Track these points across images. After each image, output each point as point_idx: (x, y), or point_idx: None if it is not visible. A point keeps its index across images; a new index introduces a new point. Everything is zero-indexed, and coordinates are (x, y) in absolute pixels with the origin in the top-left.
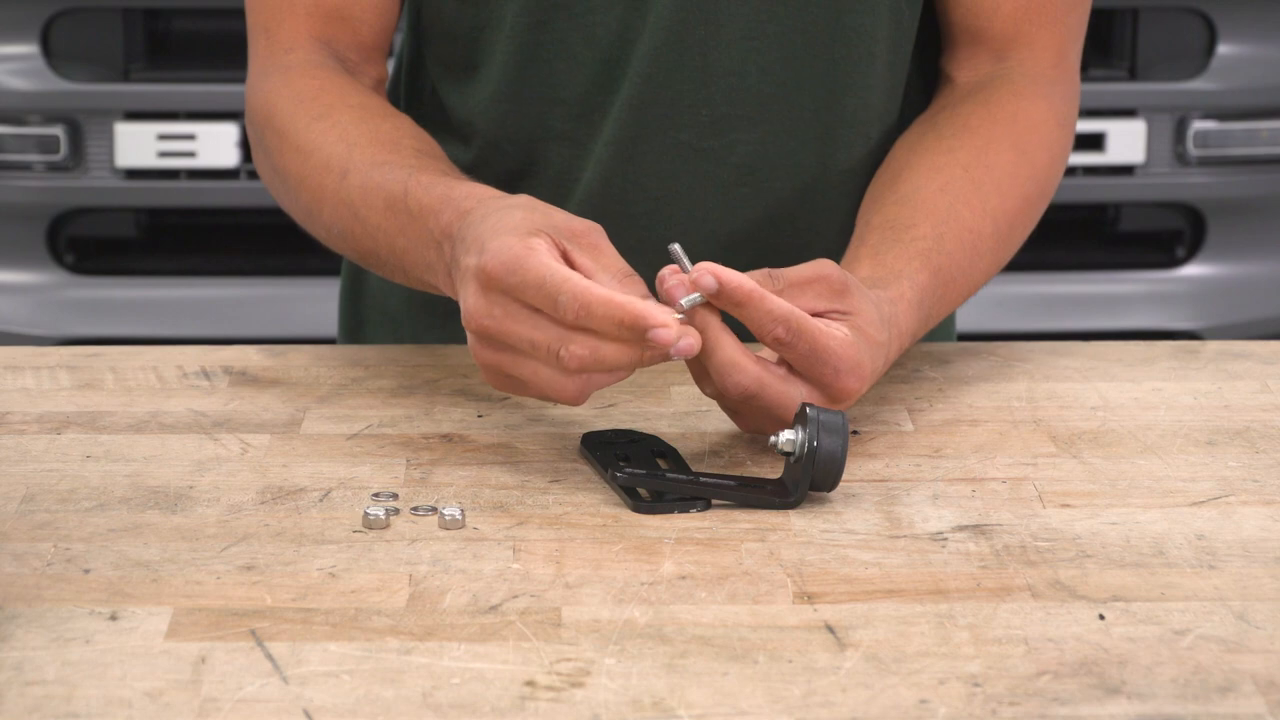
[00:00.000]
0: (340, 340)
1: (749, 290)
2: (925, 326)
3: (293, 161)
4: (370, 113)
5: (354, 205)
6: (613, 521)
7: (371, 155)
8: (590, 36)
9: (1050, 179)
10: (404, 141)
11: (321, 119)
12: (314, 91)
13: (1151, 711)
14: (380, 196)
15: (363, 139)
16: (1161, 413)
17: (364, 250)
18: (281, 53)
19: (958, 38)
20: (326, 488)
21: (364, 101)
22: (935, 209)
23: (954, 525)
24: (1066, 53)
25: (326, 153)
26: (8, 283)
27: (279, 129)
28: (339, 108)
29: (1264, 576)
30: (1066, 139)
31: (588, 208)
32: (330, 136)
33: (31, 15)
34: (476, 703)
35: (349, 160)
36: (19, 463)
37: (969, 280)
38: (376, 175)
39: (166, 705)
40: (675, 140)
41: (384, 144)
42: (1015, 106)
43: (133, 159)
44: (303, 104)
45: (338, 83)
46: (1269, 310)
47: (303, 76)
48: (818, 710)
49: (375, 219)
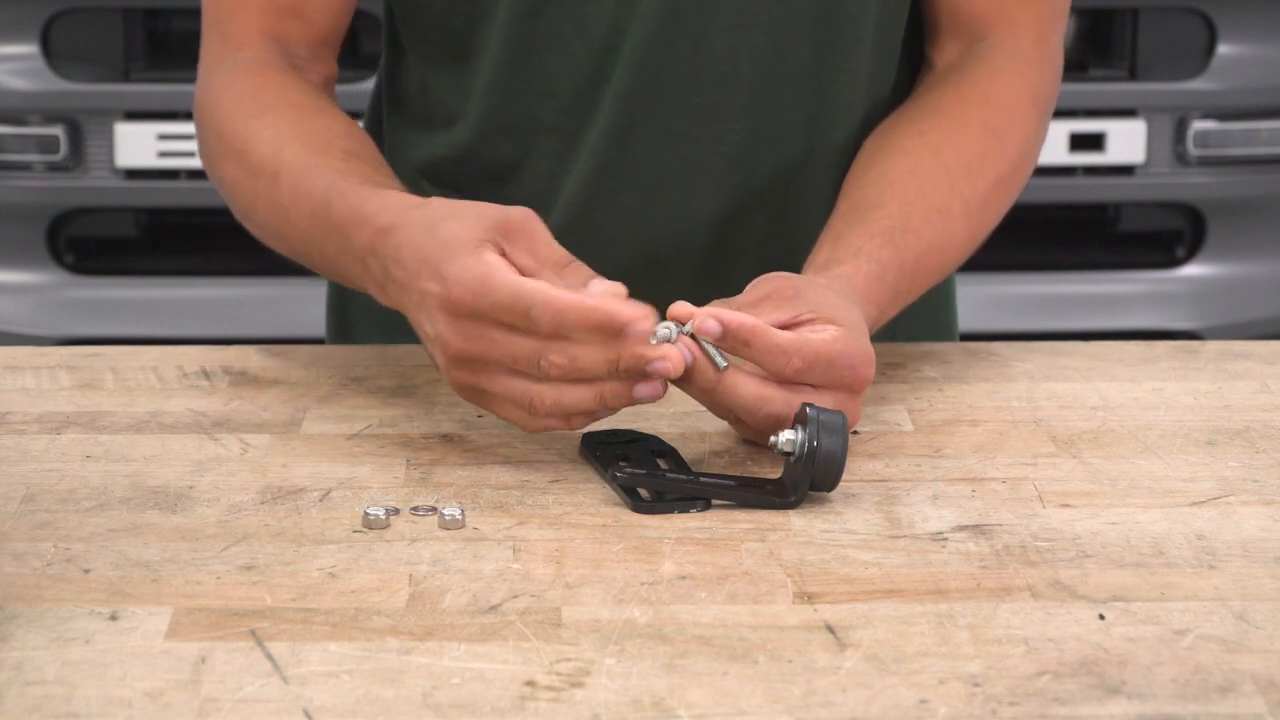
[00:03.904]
0: (329, 340)
1: (751, 326)
2: (899, 297)
3: (230, 163)
4: (305, 112)
5: (284, 209)
6: (613, 521)
7: (301, 158)
8: (581, 27)
9: (1024, 158)
10: (334, 142)
11: (257, 118)
12: (254, 89)
13: (1151, 711)
14: (307, 203)
15: (295, 140)
16: (1161, 413)
17: (298, 253)
18: (232, 49)
19: (941, 21)
20: (326, 488)
21: (301, 100)
22: (903, 190)
23: (954, 525)
24: (1047, 34)
25: (260, 153)
26: (8, 283)
27: (218, 128)
28: (276, 106)
29: (1264, 576)
30: (1041, 119)
31: (580, 198)
32: (264, 136)
33: (31, 15)
34: (476, 703)
35: (279, 162)
36: (19, 463)
37: (941, 257)
38: (304, 180)
39: (166, 705)
40: (667, 129)
41: (314, 146)
42: (989, 86)
43: (133, 159)
44: (242, 102)
45: (279, 80)
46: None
47: (247, 75)
48: (818, 710)
49: (304, 224)
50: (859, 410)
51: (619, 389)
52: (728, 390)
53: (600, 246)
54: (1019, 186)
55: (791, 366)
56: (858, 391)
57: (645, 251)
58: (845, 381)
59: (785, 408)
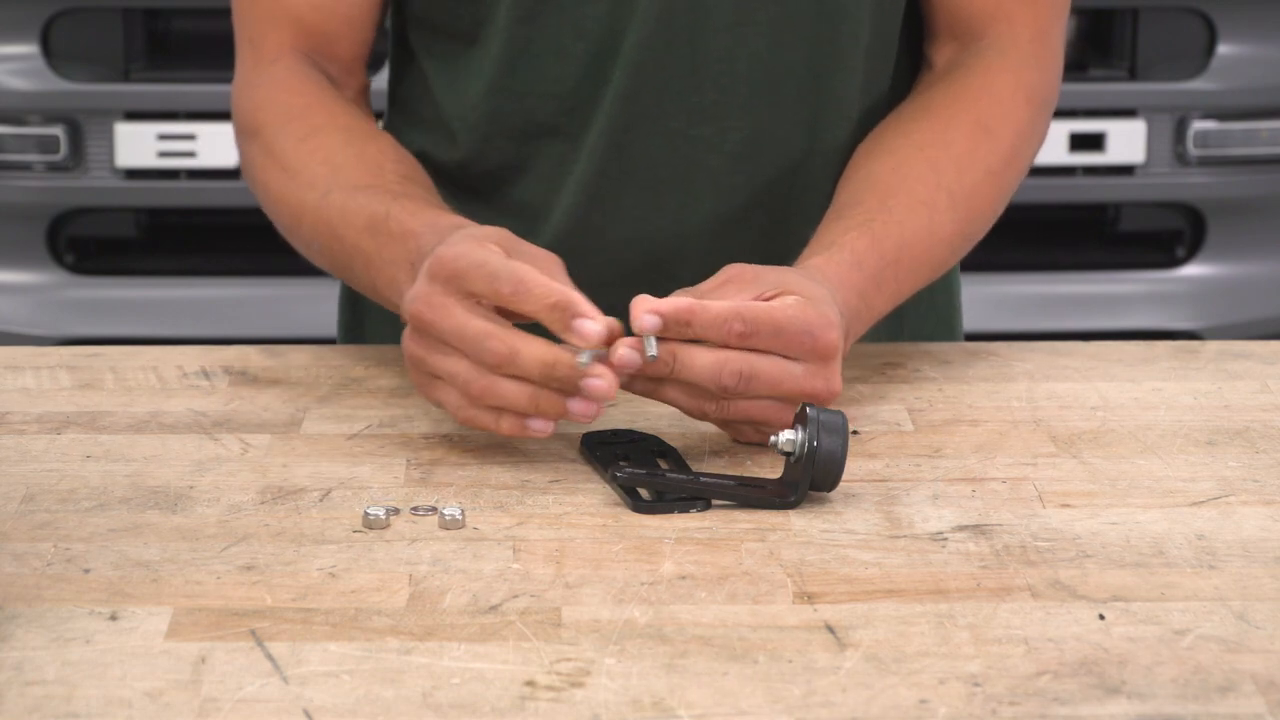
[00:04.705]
0: (340, 340)
1: (688, 305)
2: (884, 286)
3: (277, 178)
4: (355, 135)
5: (333, 224)
6: (613, 521)
7: (356, 178)
8: (580, 29)
9: (1017, 153)
10: (386, 166)
11: (307, 140)
12: (301, 109)
13: (1151, 711)
14: (362, 217)
15: (348, 162)
16: (1161, 413)
17: (339, 264)
18: (267, 63)
19: (939, 21)
20: (326, 488)
21: (350, 124)
22: (884, 186)
23: (954, 525)
24: (1047, 32)
25: (311, 173)
26: (8, 283)
27: (266, 145)
28: (326, 129)
29: (1264, 576)
30: (1037, 115)
31: (580, 199)
32: (316, 158)
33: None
34: (476, 703)
35: (332, 181)
36: (19, 463)
37: (929, 248)
38: (360, 197)
39: (166, 705)
40: (666, 129)
41: (368, 168)
42: (982, 83)
43: (133, 159)
44: (290, 122)
45: (326, 100)
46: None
47: (289, 91)
48: (818, 710)
49: (353, 237)
50: (838, 377)
51: (552, 398)
52: (684, 366)
53: (600, 247)
54: (1012, 181)
55: (734, 331)
56: (829, 359)
57: (645, 251)
58: (806, 348)
59: (746, 364)
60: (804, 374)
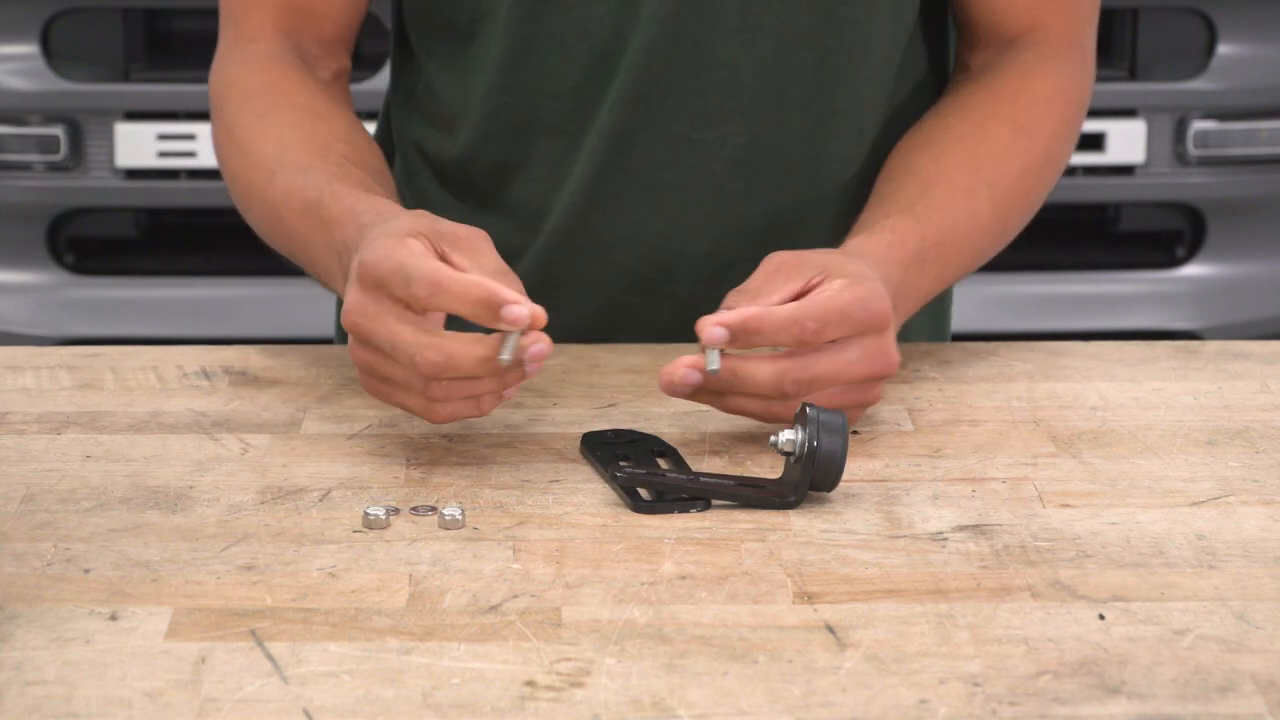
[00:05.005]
0: (337, 340)
1: (755, 315)
2: (927, 267)
3: (233, 156)
4: (309, 114)
5: (276, 206)
6: (613, 521)
7: (300, 159)
8: (583, 29)
9: (1053, 153)
10: (334, 146)
11: (263, 117)
12: (262, 88)
13: (1151, 711)
14: (299, 200)
15: (296, 141)
16: (1161, 413)
17: (284, 249)
18: (246, 41)
19: (975, 32)
20: (326, 488)
21: (309, 103)
22: (926, 175)
23: (954, 525)
24: (1079, 35)
25: (260, 152)
26: (8, 283)
27: (226, 122)
28: (282, 107)
29: (1264, 576)
30: (1073, 116)
31: (581, 199)
32: (267, 136)
33: (31, 15)
34: (476, 703)
35: (279, 161)
36: (19, 463)
37: (969, 234)
38: (300, 179)
39: (166, 705)
40: (668, 132)
41: (314, 148)
42: (1019, 84)
43: (133, 159)
44: (250, 100)
45: (289, 79)
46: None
47: (257, 70)
48: (818, 710)
49: (292, 221)
50: (894, 349)
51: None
52: (745, 381)
53: (598, 247)
54: (1047, 182)
55: (808, 330)
56: (882, 330)
57: (645, 253)
58: (864, 324)
59: (805, 370)
60: (859, 360)
